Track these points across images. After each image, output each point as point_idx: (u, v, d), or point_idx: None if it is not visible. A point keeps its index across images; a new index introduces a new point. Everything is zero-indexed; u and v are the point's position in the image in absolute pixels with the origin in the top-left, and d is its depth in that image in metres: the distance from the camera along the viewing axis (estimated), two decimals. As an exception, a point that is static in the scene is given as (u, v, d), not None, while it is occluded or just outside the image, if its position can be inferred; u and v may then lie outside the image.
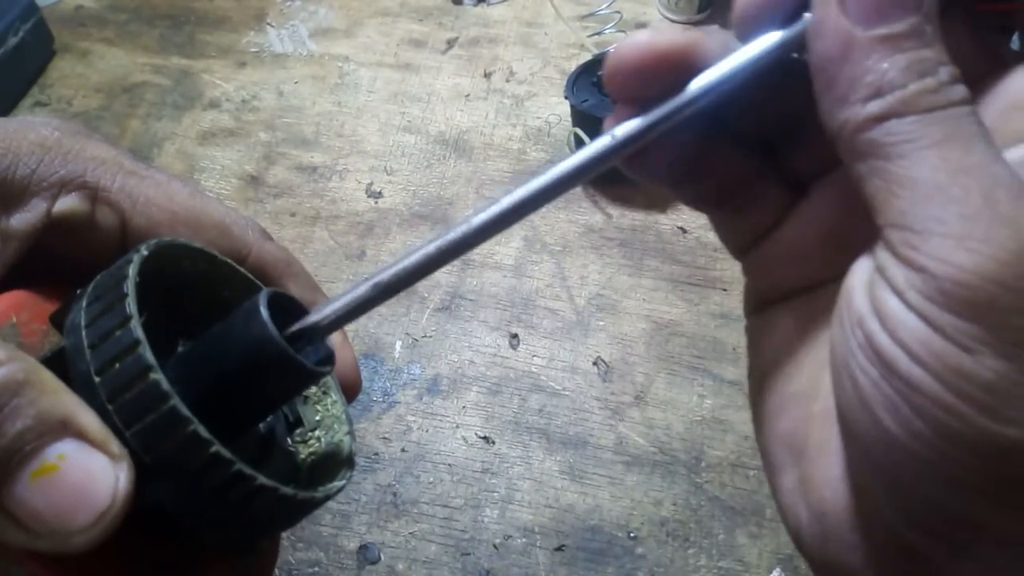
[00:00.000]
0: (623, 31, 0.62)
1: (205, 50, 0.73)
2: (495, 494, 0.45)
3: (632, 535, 0.44)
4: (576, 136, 0.58)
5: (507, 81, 0.69)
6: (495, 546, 0.43)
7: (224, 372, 0.23)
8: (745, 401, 0.48)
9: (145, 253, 0.23)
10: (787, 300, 0.24)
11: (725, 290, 0.54)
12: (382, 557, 0.43)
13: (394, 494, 0.45)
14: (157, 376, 0.20)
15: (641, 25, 0.75)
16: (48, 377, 0.20)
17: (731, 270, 0.55)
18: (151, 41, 0.74)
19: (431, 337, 0.52)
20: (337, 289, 0.54)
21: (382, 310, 0.53)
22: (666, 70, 0.21)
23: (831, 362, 0.20)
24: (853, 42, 0.18)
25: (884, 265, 0.18)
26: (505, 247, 0.57)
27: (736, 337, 0.51)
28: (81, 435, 0.20)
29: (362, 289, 0.23)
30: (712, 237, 0.57)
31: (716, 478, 0.45)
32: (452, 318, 0.53)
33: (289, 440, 0.31)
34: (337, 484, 0.27)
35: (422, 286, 0.55)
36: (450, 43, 0.73)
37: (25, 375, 0.19)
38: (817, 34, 0.19)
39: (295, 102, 0.68)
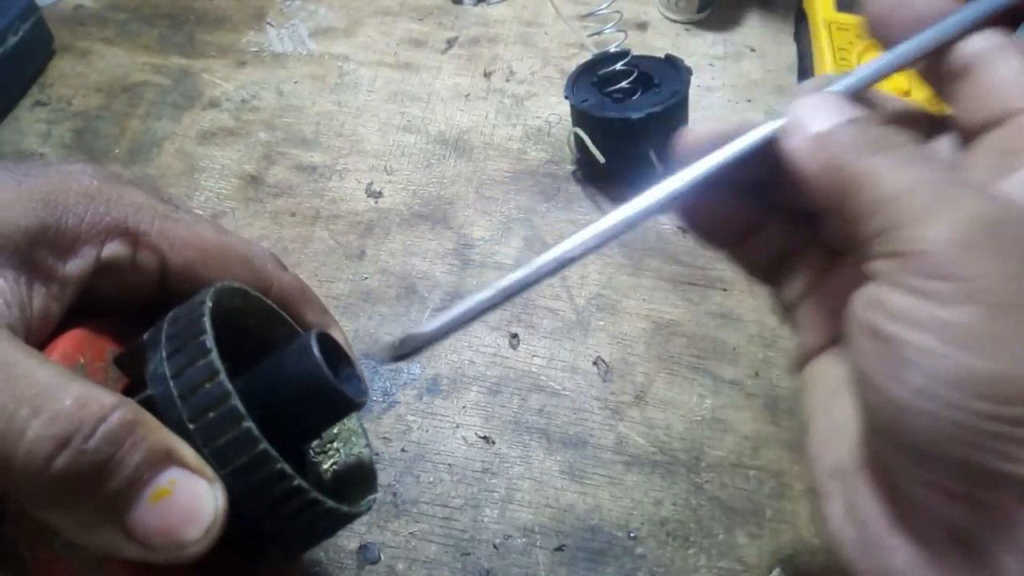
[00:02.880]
0: (623, 31, 0.62)
1: (205, 50, 0.73)
2: (495, 494, 0.45)
3: (632, 535, 0.44)
4: (576, 136, 0.58)
5: (507, 81, 0.69)
6: (495, 546, 0.43)
7: (280, 406, 0.26)
8: (745, 401, 0.48)
9: (211, 304, 0.26)
10: (828, 350, 0.28)
11: (725, 290, 0.54)
12: (382, 557, 0.43)
13: (394, 494, 0.45)
14: (248, 424, 0.24)
15: (641, 25, 0.75)
16: (149, 416, 0.23)
17: (731, 270, 0.55)
18: (151, 41, 0.74)
19: (431, 337, 0.52)
20: (337, 288, 0.54)
21: (382, 310, 0.53)
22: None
23: (850, 369, 0.23)
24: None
25: (877, 270, 0.22)
26: (505, 247, 0.57)
27: (736, 337, 0.51)
28: (183, 463, 0.23)
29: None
30: (712, 237, 0.57)
31: (716, 478, 0.45)
32: (452, 318, 0.53)
33: (311, 452, 0.33)
34: (372, 496, 0.30)
35: (422, 286, 0.55)
36: (450, 43, 0.73)
37: (135, 415, 0.23)
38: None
39: (295, 102, 0.68)
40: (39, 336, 0.26)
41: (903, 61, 0.25)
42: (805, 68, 0.67)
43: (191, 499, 0.23)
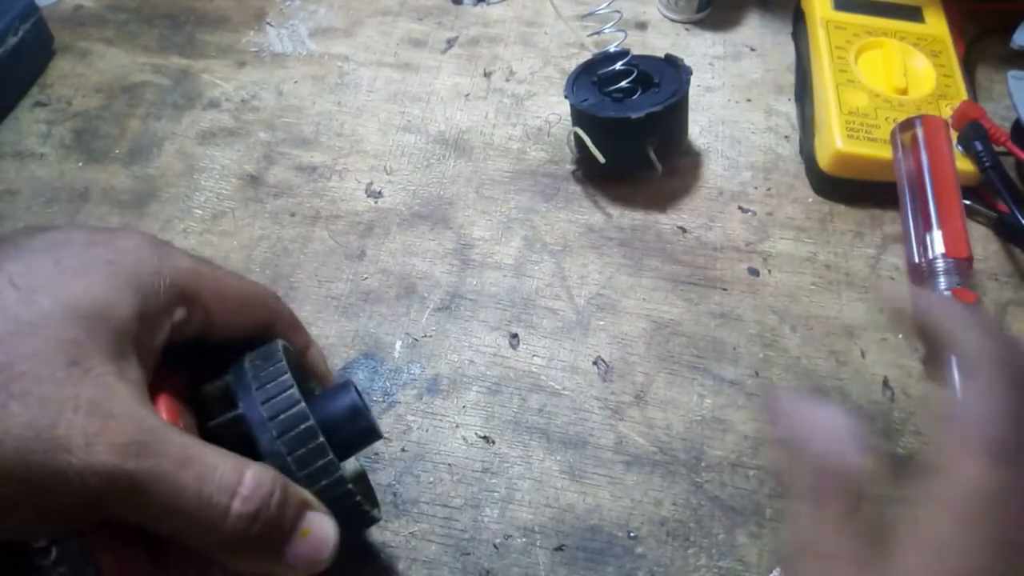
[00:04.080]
0: (623, 31, 0.62)
1: (205, 50, 0.73)
2: (495, 494, 0.45)
3: (632, 535, 0.44)
4: (576, 136, 0.58)
5: (507, 81, 0.69)
6: (495, 546, 0.43)
7: (327, 437, 0.33)
8: (745, 401, 0.49)
9: (285, 362, 0.34)
10: None
11: (725, 290, 0.54)
12: (382, 557, 0.43)
13: (394, 494, 0.45)
14: (331, 456, 0.32)
15: (641, 25, 0.75)
16: (288, 480, 0.31)
17: (731, 270, 0.55)
18: (151, 41, 0.74)
19: (431, 337, 0.52)
20: (337, 288, 0.54)
21: (382, 310, 0.53)
22: None
23: None
24: None
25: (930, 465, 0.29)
26: (505, 247, 0.57)
27: (736, 337, 0.51)
28: (312, 506, 0.31)
29: None
30: (712, 237, 0.57)
31: (716, 478, 0.45)
32: (452, 318, 0.53)
33: None
34: (377, 508, 0.38)
35: (422, 286, 0.55)
36: (450, 43, 0.73)
37: (284, 481, 0.30)
38: None
39: (295, 102, 0.68)
40: None
41: None
42: (803, 67, 0.67)
43: (323, 531, 0.31)
